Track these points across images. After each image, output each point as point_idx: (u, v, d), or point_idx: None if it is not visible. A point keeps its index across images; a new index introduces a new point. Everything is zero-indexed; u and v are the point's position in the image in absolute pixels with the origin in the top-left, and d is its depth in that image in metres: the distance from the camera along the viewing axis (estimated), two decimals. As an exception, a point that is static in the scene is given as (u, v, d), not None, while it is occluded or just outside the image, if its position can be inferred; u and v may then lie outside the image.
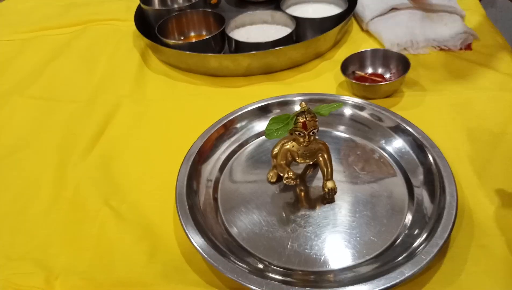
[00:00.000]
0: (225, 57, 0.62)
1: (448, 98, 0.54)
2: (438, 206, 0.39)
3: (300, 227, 0.41)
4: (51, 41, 0.76)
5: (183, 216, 0.40)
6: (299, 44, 0.60)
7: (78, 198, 0.46)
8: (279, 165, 0.44)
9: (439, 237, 0.36)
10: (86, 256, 0.41)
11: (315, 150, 0.43)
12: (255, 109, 0.52)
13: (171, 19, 0.70)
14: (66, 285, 0.38)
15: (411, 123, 0.47)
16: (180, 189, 0.42)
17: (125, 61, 0.69)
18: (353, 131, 0.50)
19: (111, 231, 0.43)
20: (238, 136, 0.50)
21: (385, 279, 0.33)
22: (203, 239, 0.37)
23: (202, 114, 0.56)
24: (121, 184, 0.47)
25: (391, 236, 0.39)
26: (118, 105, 0.59)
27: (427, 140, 0.45)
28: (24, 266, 0.40)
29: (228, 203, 0.44)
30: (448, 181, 0.41)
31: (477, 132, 0.50)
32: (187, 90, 0.61)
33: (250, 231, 0.41)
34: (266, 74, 0.62)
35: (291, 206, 0.43)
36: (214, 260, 0.36)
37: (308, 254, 0.38)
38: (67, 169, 0.50)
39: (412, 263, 0.34)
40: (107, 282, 0.38)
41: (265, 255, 0.39)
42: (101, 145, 0.53)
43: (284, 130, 0.39)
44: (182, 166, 0.45)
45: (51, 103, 0.61)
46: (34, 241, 0.42)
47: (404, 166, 0.45)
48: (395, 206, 0.42)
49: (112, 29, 0.78)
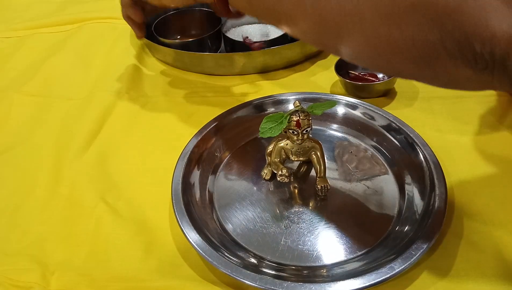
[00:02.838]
0: (221, 56, 0.62)
1: (440, 98, 0.55)
2: (428, 203, 0.40)
3: (293, 223, 0.41)
4: (48, 38, 0.76)
5: (179, 212, 0.40)
6: (294, 44, 0.61)
7: (74, 195, 0.47)
8: (273, 163, 0.44)
9: (429, 233, 0.37)
10: (82, 252, 0.41)
11: (308, 148, 0.44)
12: (250, 107, 0.53)
13: (167, 17, 0.71)
14: (62, 281, 0.39)
15: (403, 122, 0.48)
16: (176, 185, 0.43)
17: (122, 59, 0.69)
18: (346, 129, 0.51)
19: (107, 227, 0.43)
20: (233, 134, 0.51)
21: (375, 274, 0.34)
22: (198, 235, 0.38)
23: (198, 112, 0.57)
24: (117, 181, 0.48)
25: (382, 233, 0.40)
26: (115, 103, 0.59)
27: (419, 138, 0.46)
28: (20, 261, 0.40)
29: (223, 199, 0.45)
30: (438, 179, 0.41)
31: (468, 132, 0.50)
32: (183, 88, 0.62)
33: (245, 227, 0.42)
34: (261, 73, 0.63)
35: (285, 202, 0.44)
36: (209, 256, 0.36)
37: (301, 249, 0.39)
38: (63, 166, 0.50)
39: (402, 259, 0.35)
40: (103, 277, 0.39)
41: (259, 250, 0.39)
42: (98, 142, 0.53)
43: (278, 129, 0.40)
44: (178, 163, 0.45)
45: (47, 100, 0.61)
46: (30, 237, 0.43)
47: (395, 164, 0.46)
48: (386, 203, 0.43)
49: (109, 27, 0.78)
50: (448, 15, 0.24)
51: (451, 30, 0.25)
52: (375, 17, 0.28)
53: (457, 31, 0.25)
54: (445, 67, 0.27)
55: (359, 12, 0.28)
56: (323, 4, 0.30)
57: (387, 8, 0.27)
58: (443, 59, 0.26)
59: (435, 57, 0.27)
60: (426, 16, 0.25)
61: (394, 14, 0.27)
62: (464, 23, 0.24)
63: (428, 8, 0.25)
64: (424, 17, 0.26)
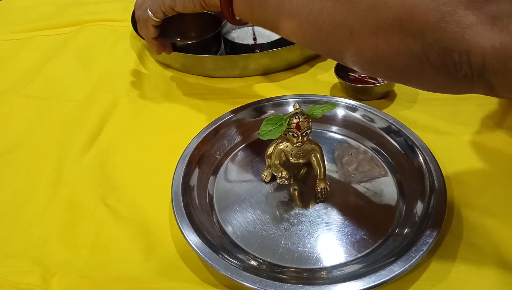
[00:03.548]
0: (221, 58, 0.63)
1: (439, 100, 0.55)
2: (427, 205, 0.40)
3: (293, 225, 0.42)
4: (49, 41, 0.76)
5: (179, 215, 0.40)
6: (294, 46, 0.61)
7: (74, 196, 0.47)
8: (273, 165, 0.44)
9: (429, 235, 0.37)
10: (82, 254, 0.41)
11: (308, 150, 0.44)
12: (250, 109, 0.53)
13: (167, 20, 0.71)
14: (63, 283, 0.39)
15: (403, 124, 0.48)
16: (176, 188, 0.43)
17: (122, 61, 0.69)
18: (346, 132, 0.51)
19: (107, 229, 0.43)
20: (233, 136, 0.51)
21: (375, 277, 0.34)
22: (198, 237, 0.38)
23: (198, 114, 0.57)
24: (117, 183, 0.48)
25: (382, 235, 0.40)
26: (115, 105, 0.59)
27: (418, 140, 0.46)
28: (20, 263, 0.40)
29: (223, 202, 0.45)
30: (438, 180, 0.42)
31: (467, 134, 0.51)
32: (184, 90, 0.62)
33: (245, 229, 0.42)
34: (261, 76, 0.63)
35: (284, 205, 0.44)
36: (209, 258, 0.36)
37: (301, 252, 0.39)
38: (64, 168, 0.50)
39: (402, 261, 0.35)
40: (103, 279, 0.39)
41: (259, 252, 0.39)
42: (98, 144, 0.53)
43: (278, 131, 0.40)
44: (178, 165, 0.46)
45: (48, 102, 0.62)
46: (31, 239, 0.43)
47: (395, 166, 0.46)
48: (386, 205, 0.43)
49: (109, 29, 0.78)
50: (429, 30, 0.27)
51: (431, 43, 0.27)
52: (364, 29, 0.30)
53: (437, 44, 0.27)
54: (430, 75, 0.29)
55: (349, 24, 0.31)
56: (316, 17, 0.33)
57: (373, 21, 0.30)
58: (427, 68, 0.29)
59: (419, 66, 0.29)
60: (408, 30, 0.28)
61: (379, 27, 0.29)
62: (443, 37, 0.26)
63: (409, 23, 0.28)
64: (407, 31, 0.28)
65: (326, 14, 0.32)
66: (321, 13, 0.32)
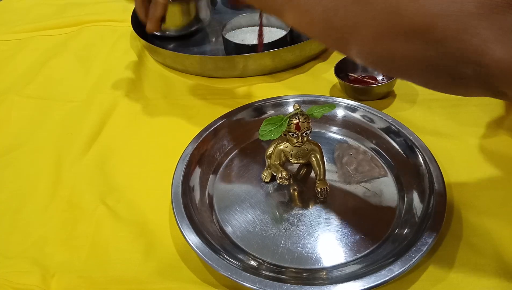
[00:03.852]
0: (221, 58, 0.63)
1: (439, 100, 0.55)
2: (427, 206, 0.40)
3: (293, 225, 0.42)
4: (48, 41, 0.76)
5: (179, 215, 0.40)
6: (294, 46, 0.61)
7: (74, 197, 0.47)
8: (273, 165, 0.44)
9: (428, 236, 0.37)
10: (82, 255, 0.41)
11: (308, 150, 0.44)
12: (249, 110, 0.53)
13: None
14: (62, 283, 0.39)
15: (403, 125, 0.48)
16: (175, 188, 0.43)
17: (122, 61, 0.69)
18: (345, 132, 0.51)
19: (107, 230, 0.43)
20: (233, 137, 0.51)
21: (375, 277, 0.34)
22: (198, 237, 0.38)
23: (197, 114, 0.57)
24: (117, 183, 0.48)
25: (381, 235, 0.40)
26: (115, 105, 0.59)
27: (418, 141, 0.46)
28: (20, 264, 0.40)
29: (223, 202, 0.45)
30: (438, 181, 0.42)
31: (467, 134, 0.51)
32: (183, 91, 0.62)
33: (244, 229, 0.42)
34: (261, 76, 0.63)
35: (284, 205, 0.44)
36: (208, 258, 0.36)
37: (301, 252, 0.39)
38: (64, 168, 0.50)
39: (402, 262, 0.35)
40: (103, 280, 0.39)
41: (258, 253, 0.39)
42: (98, 144, 0.53)
43: (278, 131, 0.40)
44: (178, 165, 0.46)
45: (47, 102, 0.62)
46: (31, 240, 0.43)
47: (395, 166, 0.46)
48: (386, 206, 0.43)
49: (109, 29, 0.78)
50: (450, 40, 0.27)
51: (451, 52, 0.28)
52: (379, 31, 0.31)
53: (457, 54, 0.27)
54: (442, 79, 0.30)
55: (364, 24, 0.31)
56: (330, 16, 0.33)
57: (390, 25, 0.30)
58: (442, 74, 0.29)
59: (434, 73, 0.30)
60: (428, 38, 0.28)
61: (397, 31, 0.30)
62: (463, 48, 0.27)
63: (430, 31, 0.28)
64: (427, 38, 0.28)
65: (341, 14, 0.32)
66: (336, 12, 0.32)
